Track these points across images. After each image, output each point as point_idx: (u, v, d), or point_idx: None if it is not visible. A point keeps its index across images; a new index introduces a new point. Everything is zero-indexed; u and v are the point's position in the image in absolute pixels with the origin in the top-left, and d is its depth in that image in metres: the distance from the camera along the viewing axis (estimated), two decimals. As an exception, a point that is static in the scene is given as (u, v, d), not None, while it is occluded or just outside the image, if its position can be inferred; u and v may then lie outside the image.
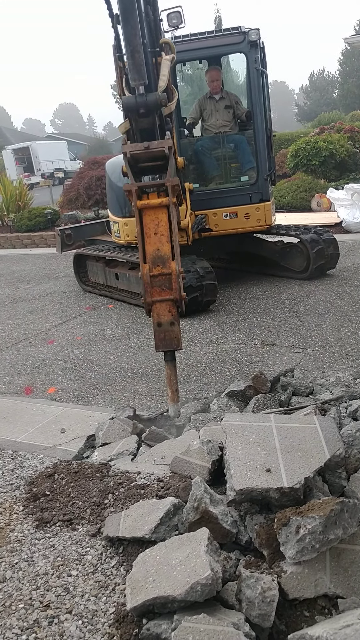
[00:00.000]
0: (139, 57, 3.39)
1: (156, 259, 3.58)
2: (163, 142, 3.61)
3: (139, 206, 3.60)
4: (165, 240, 3.60)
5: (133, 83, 3.49)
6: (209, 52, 7.09)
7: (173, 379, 3.66)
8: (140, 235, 3.62)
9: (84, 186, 14.98)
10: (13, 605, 2.25)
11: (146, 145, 3.59)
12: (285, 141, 15.87)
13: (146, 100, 3.50)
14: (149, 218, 3.62)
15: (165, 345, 3.63)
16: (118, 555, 2.47)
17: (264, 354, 4.93)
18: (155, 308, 3.60)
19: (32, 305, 7.72)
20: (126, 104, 3.55)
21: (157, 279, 3.57)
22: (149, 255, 3.59)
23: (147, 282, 3.55)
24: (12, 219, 14.19)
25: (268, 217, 6.95)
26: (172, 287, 3.55)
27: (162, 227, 3.61)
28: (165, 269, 3.56)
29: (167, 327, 3.59)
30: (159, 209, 3.61)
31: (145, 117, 3.61)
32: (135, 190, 3.59)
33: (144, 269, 3.56)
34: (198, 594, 1.95)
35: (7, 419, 4.10)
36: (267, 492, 2.22)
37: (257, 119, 6.81)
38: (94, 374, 4.99)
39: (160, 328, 3.60)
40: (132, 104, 3.53)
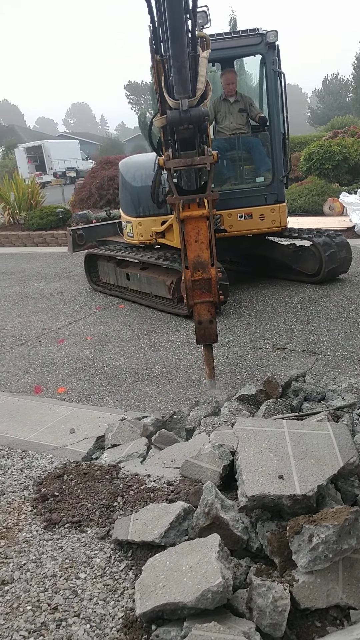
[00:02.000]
0: (185, 73, 3.53)
1: (197, 265, 3.96)
2: (205, 158, 3.84)
3: (182, 217, 3.92)
4: (205, 247, 3.96)
5: (178, 96, 3.64)
6: (226, 54, 7.05)
7: (210, 359, 4.18)
8: (182, 243, 3.98)
9: (96, 186, 14.99)
10: (21, 607, 2.23)
11: (189, 162, 3.85)
12: (297, 144, 15.81)
13: (190, 117, 3.67)
14: (191, 227, 3.94)
15: (205, 340, 4.13)
16: (127, 558, 2.45)
17: (275, 358, 4.89)
18: (197, 308, 4.05)
19: (43, 304, 7.73)
20: (170, 120, 3.72)
21: (198, 283, 3.98)
22: (190, 262, 3.96)
23: (189, 287, 3.97)
24: (24, 217, 14.23)
25: (283, 219, 6.93)
26: (211, 291, 3.98)
27: (202, 236, 3.94)
28: (205, 274, 3.96)
29: (207, 325, 4.07)
30: (199, 219, 3.93)
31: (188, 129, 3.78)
32: (179, 204, 3.93)
33: (187, 274, 3.97)
34: (209, 602, 1.92)
35: (16, 418, 4.09)
36: (279, 499, 2.18)
37: (273, 121, 6.78)
38: (104, 374, 4.98)
39: (201, 325, 4.07)
40: (177, 119, 3.70)
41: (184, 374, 4.80)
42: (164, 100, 3.86)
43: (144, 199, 6.93)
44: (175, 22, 3.38)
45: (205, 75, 3.94)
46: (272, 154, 6.88)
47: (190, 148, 3.92)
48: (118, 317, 6.74)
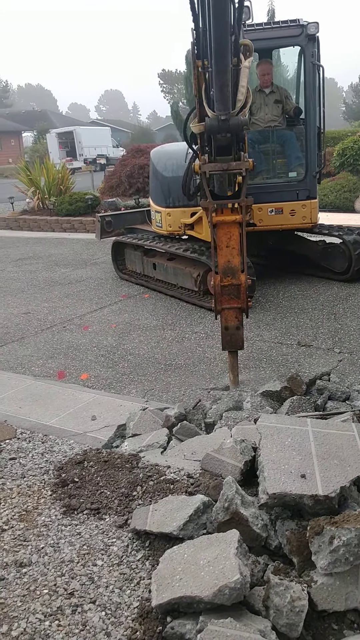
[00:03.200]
0: (227, 91, 3.47)
1: (227, 270, 3.92)
2: (240, 164, 3.80)
3: (215, 221, 3.89)
4: (236, 253, 3.92)
5: (218, 113, 3.59)
6: (265, 44, 6.94)
7: (235, 366, 4.14)
8: (213, 248, 3.96)
9: (126, 174, 14.97)
10: (37, 590, 2.25)
11: (225, 167, 3.82)
12: (331, 139, 15.56)
13: (229, 126, 3.62)
14: (222, 232, 3.92)
15: (231, 346, 4.08)
16: (144, 548, 2.45)
17: (300, 355, 4.84)
18: (224, 314, 4.01)
19: (69, 289, 7.76)
20: (209, 128, 3.68)
21: (226, 289, 3.94)
22: (220, 267, 3.93)
23: (218, 292, 3.94)
24: (53, 203, 14.29)
25: (314, 215, 6.83)
26: (240, 297, 3.93)
27: (234, 241, 3.92)
28: (234, 280, 3.93)
29: (234, 331, 4.03)
30: (232, 225, 3.90)
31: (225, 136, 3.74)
32: (212, 208, 3.87)
33: (216, 279, 3.93)
34: (226, 598, 1.91)
35: (38, 402, 4.12)
36: (300, 498, 2.16)
37: (309, 115, 6.68)
38: (127, 363, 4.99)
39: (227, 331, 4.04)
40: (215, 128, 3.66)
41: (207, 366, 4.78)
42: (202, 107, 3.80)
43: (174, 190, 6.90)
44: (221, 40, 3.28)
45: (246, 86, 3.85)
46: (306, 148, 6.78)
47: (227, 154, 3.88)
48: (143, 306, 6.74)
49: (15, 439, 3.53)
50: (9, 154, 45.01)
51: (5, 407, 4.02)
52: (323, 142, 6.94)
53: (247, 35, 6.59)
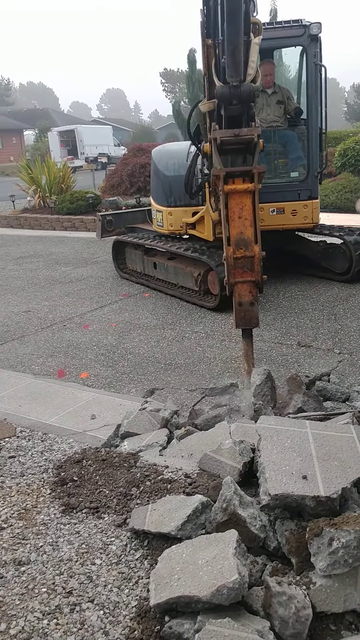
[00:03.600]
0: (239, 56, 3.44)
1: (239, 242, 3.74)
2: (252, 129, 3.69)
3: (226, 190, 3.74)
4: (249, 224, 3.76)
5: (230, 79, 3.55)
6: (267, 44, 6.93)
7: (250, 354, 3.88)
8: (225, 219, 3.78)
9: (127, 173, 14.98)
10: (36, 588, 2.25)
11: (236, 132, 3.69)
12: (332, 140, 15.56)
13: (240, 93, 3.57)
14: (234, 202, 3.76)
15: (245, 324, 3.82)
16: (143, 548, 2.45)
17: (300, 356, 4.84)
18: (237, 288, 3.78)
19: (69, 288, 7.76)
20: (220, 95, 3.62)
21: (239, 261, 3.74)
22: (233, 238, 3.76)
23: (231, 264, 3.73)
24: (54, 201, 14.29)
25: (315, 215, 6.83)
26: (254, 269, 3.72)
27: (247, 212, 3.76)
28: (248, 252, 3.72)
29: (248, 307, 3.78)
30: (244, 194, 3.76)
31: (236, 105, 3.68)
32: (223, 176, 3.72)
33: (229, 251, 3.73)
34: (224, 598, 1.91)
35: (38, 400, 4.13)
36: (302, 499, 2.16)
37: (312, 115, 6.67)
38: (127, 362, 4.99)
39: (241, 307, 3.79)
40: (227, 95, 3.60)
41: (207, 366, 4.78)
42: (212, 84, 3.79)
43: (175, 189, 6.90)
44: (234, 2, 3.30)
45: (255, 62, 3.84)
46: (307, 149, 6.78)
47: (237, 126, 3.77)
48: (143, 305, 6.74)
49: (15, 437, 3.53)
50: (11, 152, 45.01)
51: (5, 406, 4.03)
52: (325, 142, 6.93)
53: None
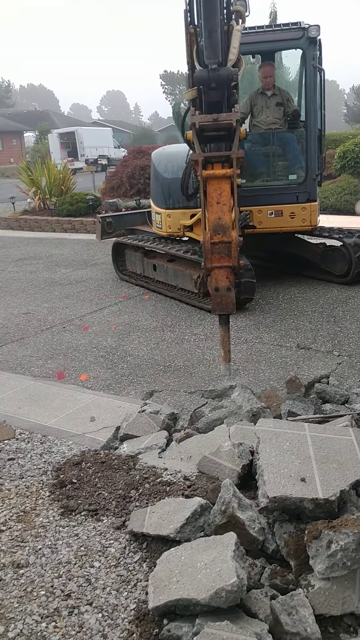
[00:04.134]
0: (216, 36, 3.46)
1: (217, 227, 3.76)
2: (231, 114, 3.70)
3: (204, 176, 3.76)
4: (227, 209, 3.77)
5: (207, 61, 3.56)
6: (266, 47, 6.96)
7: (226, 341, 3.96)
8: (203, 204, 3.81)
9: (127, 175, 14.99)
10: (34, 591, 2.25)
11: (215, 117, 3.70)
12: (332, 142, 15.58)
13: (218, 75, 3.59)
14: (213, 188, 3.78)
15: (222, 309, 3.88)
16: (141, 550, 2.45)
17: (299, 358, 4.84)
18: (214, 274, 3.82)
19: (69, 290, 7.77)
20: (198, 78, 3.64)
21: (217, 247, 3.76)
22: (210, 223, 3.77)
23: (208, 249, 3.76)
24: (54, 203, 14.30)
25: (314, 218, 6.83)
26: (231, 255, 3.75)
27: (225, 197, 3.77)
28: (225, 237, 3.75)
29: (224, 292, 3.83)
30: (222, 180, 3.76)
31: (216, 90, 3.70)
32: (201, 160, 3.75)
33: (206, 236, 3.76)
34: (222, 600, 1.91)
35: (37, 402, 4.13)
36: (301, 502, 2.16)
37: (310, 118, 6.68)
38: (127, 364, 4.99)
39: (218, 293, 3.84)
40: (205, 78, 3.63)
41: (207, 368, 4.78)
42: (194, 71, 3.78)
43: (174, 191, 6.90)
44: None
45: (237, 47, 3.86)
46: (306, 151, 6.78)
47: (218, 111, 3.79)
48: (143, 307, 6.74)
49: (14, 440, 3.53)
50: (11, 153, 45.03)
51: (5, 408, 4.03)
52: (323, 144, 6.94)
53: (248, 38, 6.60)
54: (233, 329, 5.71)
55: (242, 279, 6.11)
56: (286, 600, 1.94)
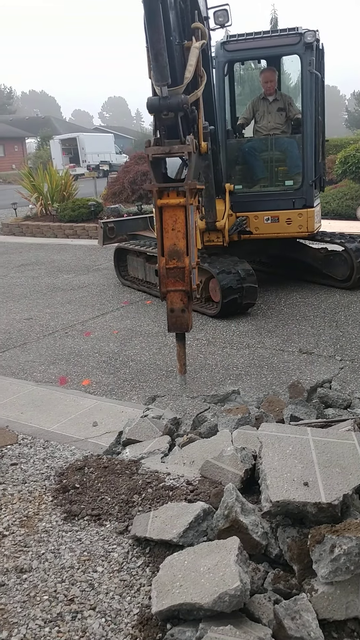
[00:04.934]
0: (162, 60, 3.53)
1: (172, 253, 3.95)
2: (184, 147, 3.83)
3: (159, 204, 3.92)
4: (182, 236, 3.94)
5: (156, 84, 3.65)
6: (264, 53, 7.00)
7: (182, 355, 4.25)
8: (159, 231, 3.96)
9: (129, 180, 15.02)
10: (38, 596, 2.25)
11: (167, 150, 3.85)
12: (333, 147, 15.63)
13: (169, 104, 3.68)
14: (168, 215, 3.94)
15: (176, 328, 4.15)
16: (144, 555, 2.45)
17: (302, 362, 4.84)
18: (169, 296, 4.05)
19: (71, 295, 7.78)
20: (150, 106, 3.73)
21: (172, 271, 3.97)
22: (166, 249, 3.96)
23: (163, 274, 3.97)
24: (56, 209, 14.34)
25: (310, 224, 6.79)
26: (184, 279, 3.96)
27: (179, 224, 3.93)
28: (180, 263, 3.94)
29: (179, 313, 4.07)
30: (177, 208, 3.92)
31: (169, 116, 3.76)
32: (156, 191, 3.91)
33: (161, 261, 3.96)
34: (225, 605, 1.91)
35: (40, 407, 4.13)
36: (304, 506, 2.16)
37: (307, 123, 6.68)
38: (129, 369, 4.99)
39: (173, 314, 4.08)
40: (156, 105, 3.71)
41: (209, 373, 4.79)
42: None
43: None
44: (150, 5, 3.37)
45: (194, 65, 3.95)
46: (302, 157, 6.77)
47: (176, 137, 3.88)
48: (145, 312, 6.75)
49: (17, 445, 3.53)
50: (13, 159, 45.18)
51: (7, 413, 4.03)
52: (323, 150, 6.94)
53: (246, 44, 6.64)
54: (235, 333, 5.73)
55: (244, 284, 6.13)
56: (290, 605, 1.93)
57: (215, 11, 5.86)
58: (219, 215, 6.49)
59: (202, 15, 5.13)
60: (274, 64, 7.48)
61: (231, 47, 6.67)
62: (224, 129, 6.83)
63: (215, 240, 6.68)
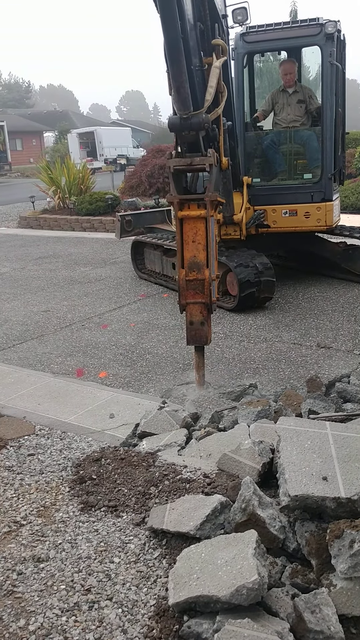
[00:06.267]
0: (184, 92, 3.56)
1: (192, 265, 3.95)
2: (205, 159, 3.84)
3: (180, 216, 3.93)
4: (202, 248, 3.93)
5: (178, 112, 3.66)
6: (284, 44, 6.92)
7: (201, 367, 4.14)
8: (179, 242, 3.96)
9: (146, 174, 15.00)
10: (55, 585, 2.26)
11: (189, 162, 3.85)
12: (353, 140, 15.44)
13: (190, 124, 3.69)
14: (188, 227, 3.94)
15: (195, 342, 4.10)
16: (161, 547, 2.44)
17: (320, 357, 4.80)
18: (189, 309, 4.03)
19: (88, 288, 7.80)
20: (171, 125, 3.75)
21: (192, 283, 3.96)
22: (186, 261, 3.95)
23: (183, 286, 3.96)
24: (74, 202, 14.36)
25: (329, 218, 6.71)
26: (204, 292, 3.95)
27: (200, 236, 3.92)
28: (200, 275, 3.93)
29: (198, 326, 4.04)
30: (197, 220, 3.92)
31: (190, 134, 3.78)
32: (177, 202, 3.91)
33: (181, 273, 3.96)
34: (243, 598, 1.90)
35: (57, 399, 4.14)
36: (323, 500, 2.13)
37: (326, 116, 6.60)
38: (146, 361, 4.99)
39: (192, 326, 4.06)
40: (177, 125, 3.72)
41: (226, 366, 4.77)
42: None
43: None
44: (171, 43, 3.38)
45: (214, 87, 3.99)
46: (322, 150, 6.68)
47: (197, 150, 3.90)
48: (162, 305, 6.74)
49: (34, 435, 3.55)
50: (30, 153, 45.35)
51: (25, 404, 4.05)
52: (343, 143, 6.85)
53: (265, 35, 6.57)
54: (252, 327, 5.70)
55: (262, 278, 6.09)
56: (309, 599, 1.92)
57: (234, 9, 5.82)
58: (236, 209, 6.44)
59: (220, 14, 5.08)
60: (294, 55, 7.39)
61: (250, 38, 6.60)
62: (242, 122, 6.77)
63: (233, 233, 6.65)
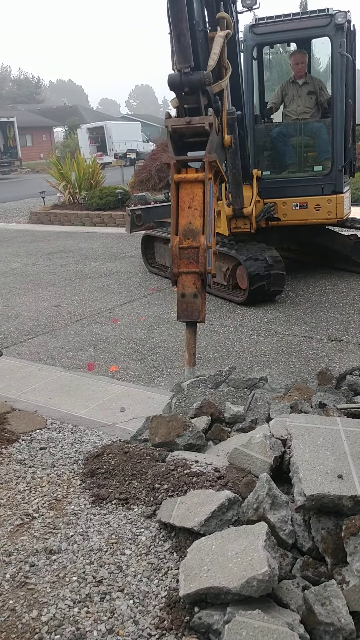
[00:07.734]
0: (184, 41, 3.48)
1: (187, 232, 3.70)
2: (204, 118, 3.69)
3: (176, 179, 3.73)
4: (198, 214, 3.70)
5: (178, 65, 3.57)
6: (293, 35, 6.87)
7: (192, 344, 3.85)
8: (174, 208, 3.74)
9: (156, 168, 14.98)
10: (67, 577, 2.27)
11: (187, 120, 3.70)
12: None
13: (190, 80, 3.59)
14: (185, 192, 3.74)
15: (187, 316, 3.77)
16: (171, 539, 2.45)
17: (330, 350, 4.79)
18: (181, 279, 3.74)
19: (98, 283, 7.82)
20: (171, 82, 3.65)
21: (185, 252, 3.70)
22: (180, 228, 3.71)
23: (176, 254, 3.70)
24: (84, 197, 14.38)
25: (340, 210, 6.66)
26: (198, 261, 3.67)
27: (197, 202, 3.71)
28: (194, 242, 3.68)
29: (190, 299, 3.73)
30: (195, 184, 3.72)
31: (190, 95, 3.69)
32: (174, 164, 3.73)
33: (174, 240, 3.71)
34: (253, 589, 1.90)
35: (68, 393, 4.17)
36: (339, 499, 2.10)
37: (336, 107, 6.55)
38: (156, 355, 5.00)
39: (184, 299, 3.75)
40: (177, 82, 3.63)
41: (236, 360, 4.76)
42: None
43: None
44: None
45: (217, 53, 3.87)
46: (332, 142, 6.64)
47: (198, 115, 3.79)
48: (172, 299, 6.73)
49: (46, 429, 3.57)
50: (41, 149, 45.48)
51: (36, 398, 4.08)
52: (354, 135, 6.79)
53: (275, 27, 6.52)
54: (263, 320, 5.69)
55: (272, 271, 6.07)
56: (319, 591, 1.91)
57: None
58: (246, 202, 6.43)
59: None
60: (304, 46, 7.34)
61: (260, 30, 6.57)
62: (252, 114, 6.74)
63: (243, 227, 6.63)
